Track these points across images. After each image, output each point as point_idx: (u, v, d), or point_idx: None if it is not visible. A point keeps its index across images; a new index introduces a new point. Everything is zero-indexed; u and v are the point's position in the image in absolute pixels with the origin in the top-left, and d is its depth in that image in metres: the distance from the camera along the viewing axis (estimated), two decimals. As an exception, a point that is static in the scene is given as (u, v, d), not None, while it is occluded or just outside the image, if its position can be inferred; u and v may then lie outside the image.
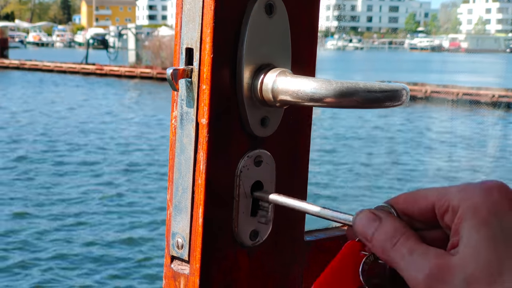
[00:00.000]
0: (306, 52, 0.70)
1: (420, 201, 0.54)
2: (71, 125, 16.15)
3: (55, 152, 12.51)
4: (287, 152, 0.71)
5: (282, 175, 0.70)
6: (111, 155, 12.40)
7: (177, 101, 0.65)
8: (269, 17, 0.65)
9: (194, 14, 0.63)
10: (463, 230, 0.49)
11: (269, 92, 0.64)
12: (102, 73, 32.81)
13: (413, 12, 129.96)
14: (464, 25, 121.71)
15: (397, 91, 0.62)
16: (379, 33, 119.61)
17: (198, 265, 0.65)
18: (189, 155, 0.64)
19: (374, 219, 0.55)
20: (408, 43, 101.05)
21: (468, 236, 0.48)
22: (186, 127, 0.64)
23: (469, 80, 27.66)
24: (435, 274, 0.49)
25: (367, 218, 0.55)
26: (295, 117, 0.71)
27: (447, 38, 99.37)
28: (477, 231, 0.48)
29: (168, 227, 0.68)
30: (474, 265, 0.47)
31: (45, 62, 36.75)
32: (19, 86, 27.01)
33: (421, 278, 0.49)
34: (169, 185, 0.67)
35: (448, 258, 0.49)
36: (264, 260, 0.70)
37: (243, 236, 0.67)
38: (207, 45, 0.62)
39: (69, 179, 10.34)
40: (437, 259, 0.49)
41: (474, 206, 0.49)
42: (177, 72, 0.62)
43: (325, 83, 0.61)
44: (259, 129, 0.66)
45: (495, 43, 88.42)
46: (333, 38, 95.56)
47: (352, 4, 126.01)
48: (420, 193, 0.55)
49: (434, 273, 0.49)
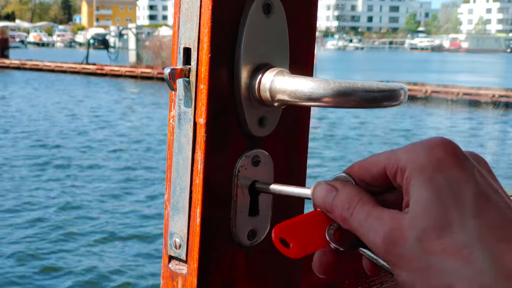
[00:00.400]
0: (304, 52, 0.70)
1: (373, 166, 0.56)
2: (71, 125, 16.15)
3: (53, 153, 12.52)
4: (285, 152, 0.71)
5: (280, 175, 0.70)
6: (111, 155, 12.41)
7: (175, 100, 0.65)
8: (267, 17, 0.65)
9: (192, 14, 0.63)
10: (411, 189, 0.51)
11: (267, 92, 0.64)
12: (103, 73, 32.82)
13: (414, 12, 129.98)
14: (465, 25, 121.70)
15: (395, 91, 0.62)
16: (379, 33, 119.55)
17: (195, 265, 0.65)
18: (187, 155, 0.64)
19: (330, 190, 0.57)
20: (408, 43, 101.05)
21: (416, 194, 0.50)
22: (184, 127, 0.64)
23: (469, 80, 27.66)
24: (390, 237, 0.51)
25: (324, 190, 0.57)
26: (293, 117, 0.71)
27: (448, 38, 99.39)
28: (425, 189, 0.50)
29: (166, 227, 0.68)
30: (424, 222, 0.49)
31: (45, 62, 36.76)
32: (19, 86, 27.02)
33: (379, 242, 0.51)
34: (167, 185, 0.67)
35: (401, 218, 0.51)
36: (262, 260, 0.70)
37: (241, 236, 0.67)
38: (205, 44, 0.62)
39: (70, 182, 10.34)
40: (391, 221, 0.51)
41: (420, 165, 0.51)
42: (175, 72, 0.62)
43: (323, 83, 0.61)
44: (257, 129, 0.66)
45: (495, 43, 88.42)
46: (333, 38, 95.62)
47: (352, 4, 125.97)
48: (372, 158, 0.56)
49: (389, 236, 0.51)
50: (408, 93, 0.65)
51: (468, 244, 0.48)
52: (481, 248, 0.47)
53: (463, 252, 0.48)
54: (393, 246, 0.50)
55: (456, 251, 0.48)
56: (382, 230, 0.51)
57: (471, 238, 0.48)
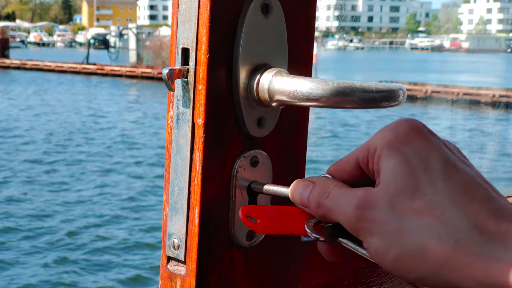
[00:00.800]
0: (302, 52, 0.70)
1: (346, 163, 0.57)
2: (72, 125, 16.15)
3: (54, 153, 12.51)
4: (284, 153, 0.71)
5: (279, 176, 0.70)
6: (113, 155, 12.41)
7: (173, 101, 0.65)
8: (265, 17, 0.65)
9: (190, 14, 0.63)
10: (381, 163, 0.52)
11: (265, 92, 0.64)
12: (103, 73, 32.83)
13: (414, 12, 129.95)
14: (465, 25, 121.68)
15: (394, 91, 0.62)
16: (379, 33, 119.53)
17: (194, 265, 0.65)
18: (185, 156, 0.64)
19: (307, 184, 0.58)
20: (409, 43, 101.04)
21: (385, 165, 0.52)
22: (182, 128, 0.64)
23: (470, 80, 27.65)
24: (362, 204, 0.52)
25: (301, 186, 0.58)
26: (291, 118, 0.70)
27: (448, 38, 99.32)
28: (393, 158, 0.52)
29: (164, 228, 0.67)
30: (394, 187, 0.51)
31: (46, 62, 36.78)
32: (19, 85, 27.02)
33: (350, 210, 0.52)
34: (166, 185, 0.67)
35: (372, 189, 0.52)
36: (260, 260, 0.70)
37: (240, 236, 0.67)
38: (203, 45, 0.62)
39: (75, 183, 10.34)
40: (363, 192, 0.53)
41: (387, 141, 0.53)
42: (173, 72, 0.62)
43: (321, 83, 0.61)
44: (256, 129, 0.66)
45: (496, 43, 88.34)
46: (333, 38, 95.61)
47: (352, 4, 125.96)
48: (346, 156, 0.58)
49: (361, 202, 0.52)
50: (407, 93, 0.65)
51: (440, 204, 0.48)
52: (453, 208, 0.48)
53: (435, 211, 0.48)
54: (365, 210, 0.51)
55: (429, 211, 0.49)
56: (354, 201, 0.52)
57: (442, 198, 0.49)
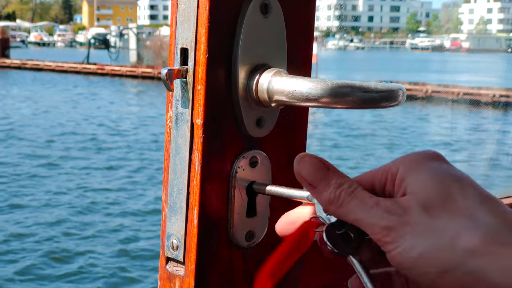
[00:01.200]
0: (302, 52, 0.70)
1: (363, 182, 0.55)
2: (73, 125, 16.16)
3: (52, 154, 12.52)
4: (283, 153, 0.70)
5: (278, 176, 0.70)
6: (113, 155, 12.41)
7: (172, 101, 0.65)
8: (264, 17, 0.65)
9: (189, 14, 0.62)
10: (407, 180, 0.52)
11: (264, 93, 0.64)
12: (104, 73, 32.81)
13: (414, 12, 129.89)
14: (466, 25, 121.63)
15: (393, 91, 0.62)
16: (379, 33, 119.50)
17: (193, 266, 0.64)
18: (184, 156, 0.64)
19: (321, 166, 0.55)
20: (409, 43, 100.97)
21: (413, 179, 0.52)
22: (181, 128, 0.64)
23: (470, 79, 27.64)
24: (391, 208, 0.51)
25: (314, 165, 0.55)
26: (291, 118, 0.70)
27: (448, 38, 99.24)
28: (421, 172, 0.52)
29: (163, 228, 0.67)
30: (424, 193, 0.51)
31: (46, 62, 36.76)
32: (18, 85, 27.03)
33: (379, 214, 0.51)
34: (164, 186, 0.67)
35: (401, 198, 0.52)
36: (259, 261, 0.69)
37: (239, 237, 0.67)
38: (202, 45, 0.62)
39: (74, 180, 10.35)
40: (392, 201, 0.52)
41: (411, 161, 0.53)
42: (172, 72, 0.62)
43: (320, 83, 0.60)
44: (255, 129, 0.66)
45: (496, 43, 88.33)
46: (334, 38, 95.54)
47: (353, 4, 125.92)
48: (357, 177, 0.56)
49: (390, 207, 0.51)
50: (406, 93, 0.64)
51: (471, 207, 0.50)
52: (483, 209, 0.49)
53: (466, 212, 0.49)
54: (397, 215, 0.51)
55: (460, 213, 0.50)
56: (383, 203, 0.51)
57: (473, 202, 0.50)
